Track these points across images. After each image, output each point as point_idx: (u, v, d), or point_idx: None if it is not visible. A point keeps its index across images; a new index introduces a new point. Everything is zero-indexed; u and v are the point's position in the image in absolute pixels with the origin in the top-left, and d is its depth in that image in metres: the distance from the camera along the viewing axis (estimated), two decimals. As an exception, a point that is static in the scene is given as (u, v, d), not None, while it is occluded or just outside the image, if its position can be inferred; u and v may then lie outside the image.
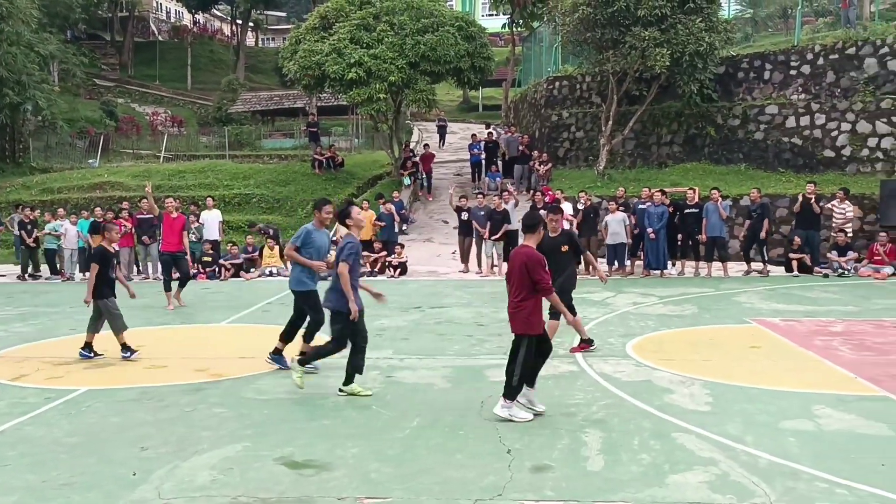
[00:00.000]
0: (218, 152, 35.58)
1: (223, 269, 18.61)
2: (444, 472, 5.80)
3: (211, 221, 19.54)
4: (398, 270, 18.05)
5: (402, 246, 18.82)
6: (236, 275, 18.62)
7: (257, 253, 19.41)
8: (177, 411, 7.58)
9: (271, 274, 18.77)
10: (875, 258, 16.92)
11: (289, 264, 18.88)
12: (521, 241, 7.79)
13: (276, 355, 9.26)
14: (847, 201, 17.61)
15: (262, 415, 7.40)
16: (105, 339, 10.13)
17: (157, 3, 70.49)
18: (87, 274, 17.86)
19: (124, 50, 54.89)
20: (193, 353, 10.31)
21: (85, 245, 19.25)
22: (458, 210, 18.35)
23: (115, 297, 10.02)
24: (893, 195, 17.60)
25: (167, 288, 14.21)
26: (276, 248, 19.41)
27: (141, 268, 19.27)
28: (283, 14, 76.26)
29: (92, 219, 19.38)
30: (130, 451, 6.42)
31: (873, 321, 11.59)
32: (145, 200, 15.98)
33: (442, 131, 36.73)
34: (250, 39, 67.10)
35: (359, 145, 36.74)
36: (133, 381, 8.77)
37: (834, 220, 17.56)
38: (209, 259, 18.79)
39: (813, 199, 17.25)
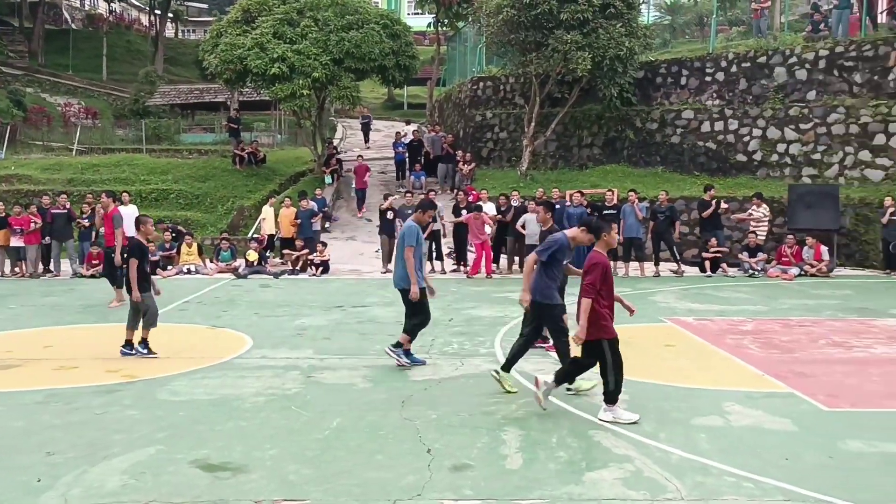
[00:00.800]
0: (134, 146, 34.44)
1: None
2: (364, 474, 5.76)
3: (127, 218, 18.88)
4: (320, 269, 17.87)
5: (325, 244, 18.65)
6: (153, 272, 18.06)
7: (175, 250, 18.90)
8: (87, 414, 7.31)
9: (189, 272, 18.32)
10: (783, 259, 17.62)
11: (207, 262, 18.56)
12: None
13: (397, 348, 9.15)
14: (764, 205, 18.25)
15: (177, 417, 7.20)
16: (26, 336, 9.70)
17: (70, -11, 67.85)
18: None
19: (34, 37, 52.61)
20: (106, 353, 9.96)
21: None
22: (384, 210, 18.28)
23: (150, 292, 9.83)
24: (800, 199, 18.37)
25: (117, 285, 13.94)
26: (195, 245, 18.95)
27: (53, 266, 18.50)
28: (205, 6, 74.48)
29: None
30: (36, 456, 6.15)
31: (780, 320, 12.07)
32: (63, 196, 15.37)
33: (366, 129, 35.96)
34: (169, 31, 65.30)
35: (281, 141, 36.19)
36: (40, 383, 8.42)
37: (752, 224, 18.18)
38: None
39: (714, 202, 17.88)
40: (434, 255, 18.06)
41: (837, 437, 6.55)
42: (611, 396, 7.05)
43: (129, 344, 9.77)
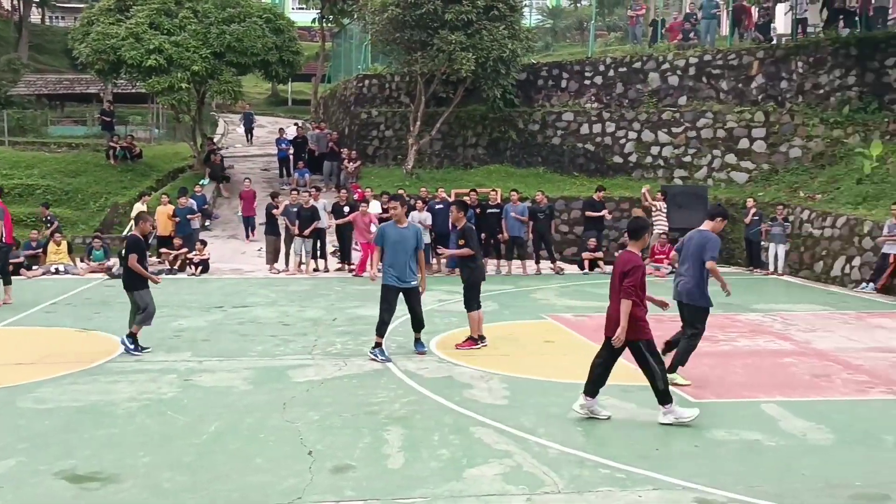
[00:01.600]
0: (-5, 138, 32.34)
1: None
2: (242, 478, 5.63)
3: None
4: (199, 268, 17.31)
5: (204, 243, 18.07)
6: (16, 272, 17.01)
7: (41, 249, 17.86)
8: (-62, 426, 6.81)
9: (58, 272, 17.35)
10: (656, 257, 18.39)
11: (77, 261, 17.64)
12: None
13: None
14: (663, 201, 18.78)
15: (42, 426, 6.82)
16: None
17: (-78, -32, 62.95)
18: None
19: None
20: (-39, 360, 9.31)
21: None
22: (269, 208, 17.89)
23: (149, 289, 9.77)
24: (673, 199, 19.19)
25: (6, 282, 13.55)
26: (64, 243, 17.98)
27: None
28: (75, -9, 70.69)
29: None
30: None
31: (653, 315, 12.55)
32: None
33: (248, 126, 34.25)
34: (35, 16, 61.61)
35: (159, 136, 34.82)
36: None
37: (656, 221, 18.71)
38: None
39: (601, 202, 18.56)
40: (318, 253, 17.86)
41: (703, 427, 6.90)
42: (664, 397, 6.99)
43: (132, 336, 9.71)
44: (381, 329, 9.36)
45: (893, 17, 22.87)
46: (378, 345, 9.35)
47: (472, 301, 9.84)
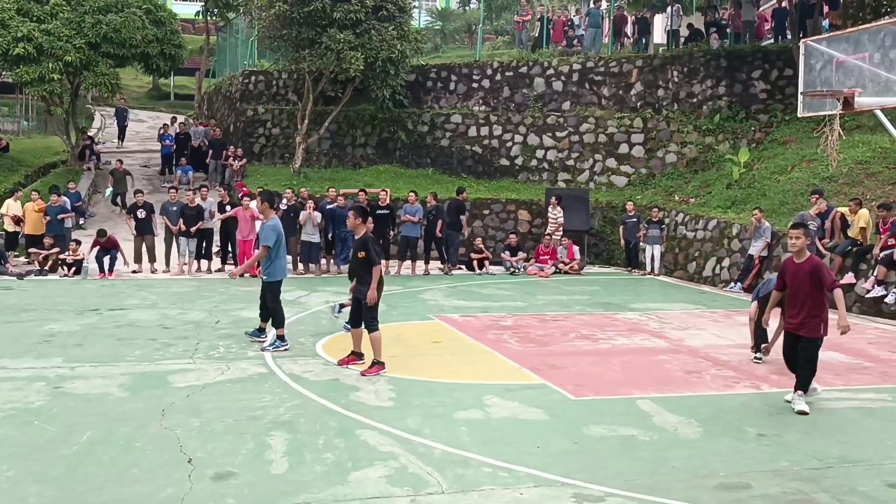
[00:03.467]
0: None
1: None
2: (117, 489, 5.41)
3: None
4: (73, 269, 16.48)
5: (79, 242, 17.22)
6: None
7: None
8: None
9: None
10: (540, 258, 18.86)
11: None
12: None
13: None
14: (559, 206, 19.17)
15: None
16: None
17: None
18: None
19: None
20: None
21: None
22: (134, 207, 17.20)
23: None
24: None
25: None
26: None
27: None
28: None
29: None
30: None
31: (537, 315, 12.93)
32: None
33: (122, 122, 30.80)
34: None
35: (28, 129, 32.94)
36: None
37: (550, 223, 19.09)
38: None
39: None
40: (203, 252, 17.35)
41: (582, 424, 7.13)
42: (807, 385, 7.73)
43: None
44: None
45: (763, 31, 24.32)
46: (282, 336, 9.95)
47: (372, 319, 8.83)
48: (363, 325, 8.91)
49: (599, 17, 24.29)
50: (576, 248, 18.99)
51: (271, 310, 10.09)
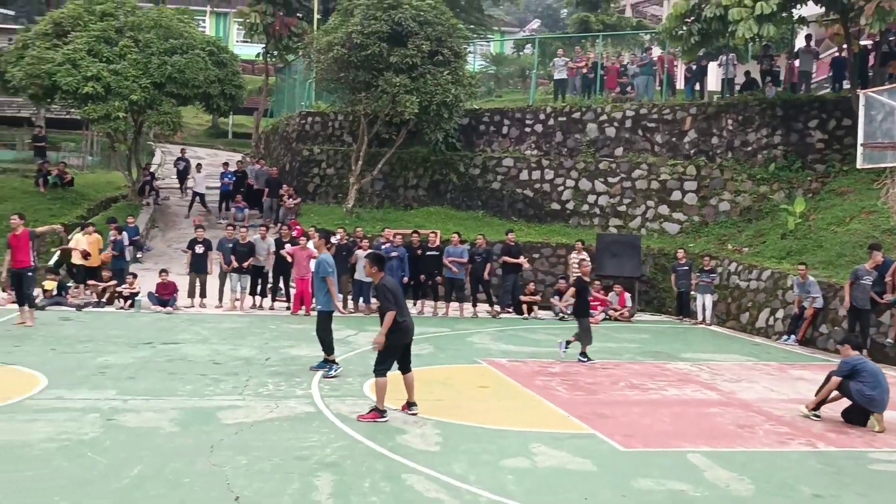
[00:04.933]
0: (-83, 159, 31.19)
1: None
2: (164, 526, 5.47)
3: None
4: (129, 302, 16.87)
5: (135, 276, 17.65)
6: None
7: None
8: None
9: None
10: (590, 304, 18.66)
11: (38, 290, 16.98)
12: None
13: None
14: (584, 251, 19.15)
15: (-49, 467, 6.51)
16: None
17: None
18: None
19: None
20: None
21: None
22: (194, 242, 17.58)
23: None
24: (607, 248, 19.61)
25: (20, 303, 14.18)
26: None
27: None
28: (11, 13, 69.15)
29: None
30: None
31: (586, 363, 12.76)
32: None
33: (183, 175, 28.26)
34: (-32, 36, 60.00)
35: (92, 164, 34.07)
36: None
37: (572, 268, 19.04)
38: None
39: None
40: (258, 290, 17.60)
41: (631, 476, 6.99)
42: None
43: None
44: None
45: (816, 80, 24.03)
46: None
47: (381, 364, 8.59)
48: (374, 371, 8.70)
49: (652, 64, 24.31)
50: (627, 295, 18.79)
51: (321, 338, 10.69)
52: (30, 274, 14.19)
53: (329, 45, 21.34)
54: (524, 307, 18.47)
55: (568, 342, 12.67)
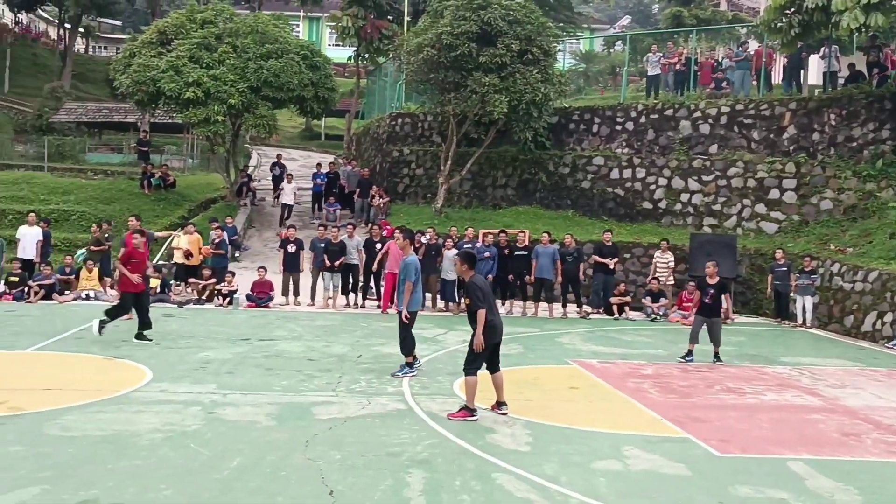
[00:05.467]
0: (35, 163, 33.10)
1: (31, 291, 17.19)
2: (263, 516, 5.64)
3: (29, 239, 18.19)
4: (227, 299, 17.46)
5: (233, 274, 18.26)
6: (48, 297, 17.31)
7: (74, 275, 18.15)
8: (-34, 449, 6.91)
9: (88, 298, 17.59)
10: (684, 305, 18.24)
11: (107, 288, 17.86)
12: None
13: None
14: (669, 251, 18.86)
15: (66, 454, 6.89)
16: None
17: (-26, -3, 65.09)
18: None
19: (-68, 44, 50.17)
20: (-9, 383, 9.45)
21: None
22: (286, 242, 18.03)
23: None
24: (701, 247, 19.10)
25: None
26: (96, 270, 18.23)
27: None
28: (118, 23, 72.56)
29: None
30: None
31: (679, 365, 12.48)
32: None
33: (278, 181, 27.36)
34: (79, 46, 63.27)
35: (193, 166, 35.42)
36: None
37: (657, 268, 18.75)
38: (16, 279, 17.36)
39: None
40: (350, 287, 17.92)
41: (727, 483, 6.80)
42: None
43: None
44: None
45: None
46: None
47: (471, 364, 8.66)
48: (464, 370, 8.74)
49: (748, 58, 23.53)
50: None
51: (402, 338, 10.70)
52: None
53: (419, 46, 21.54)
54: (614, 308, 18.19)
55: (716, 355, 12.84)
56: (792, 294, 17.76)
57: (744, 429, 8.72)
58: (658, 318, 17.96)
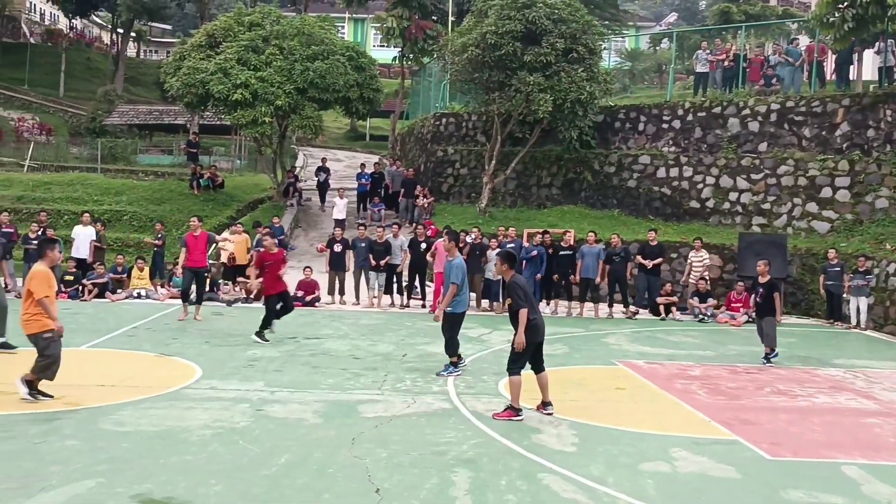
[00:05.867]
0: (89, 165, 33.94)
1: (85, 289, 17.64)
2: (311, 513, 5.70)
3: (83, 238, 18.67)
4: (274, 298, 17.64)
5: (280, 273, 18.44)
6: (101, 295, 17.72)
7: (126, 274, 18.56)
8: (24, 443, 7.11)
9: (139, 296, 17.98)
10: (732, 305, 17.95)
11: (158, 287, 18.23)
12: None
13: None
14: (703, 250, 18.57)
15: (121, 448, 7.05)
16: None
17: (30, 3, 66.96)
18: None
19: (-9, 50, 51.77)
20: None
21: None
22: (332, 241, 18.19)
23: None
24: (750, 247, 18.77)
25: (184, 300, 14.89)
26: (146, 269, 18.63)
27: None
28: (168, 27, 74.05)
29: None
30: (-31, 486, 5.97)
31: (727, 366, 12.29)
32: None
33: (323, 187, 27.74)
34: (131, 50, 64.71)
35: (241, 167, 35.95)
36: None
37: (693, 267, 18.51)
38: (71, 278, 17.82)
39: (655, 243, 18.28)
40: (395, 288, 18.00)
41: (779, 487, 6.67)
42: None
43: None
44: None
45: None
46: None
47: (514, 363, 8.59)
48: (507, 369, 8.69)
49: (798, 54, 23.04)
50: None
51: (447, 338, 10.73)
52: (206, 274, 15.25)
53: (463, 46, 21.55)
54: (661, 308, 17.98)
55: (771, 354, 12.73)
56: (845, 295, 17.35)
57: (796, 432, 8.55)
58: (706, 318, 17.69)
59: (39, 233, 18.02)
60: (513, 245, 17.53)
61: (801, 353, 13.89)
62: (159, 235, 19.62)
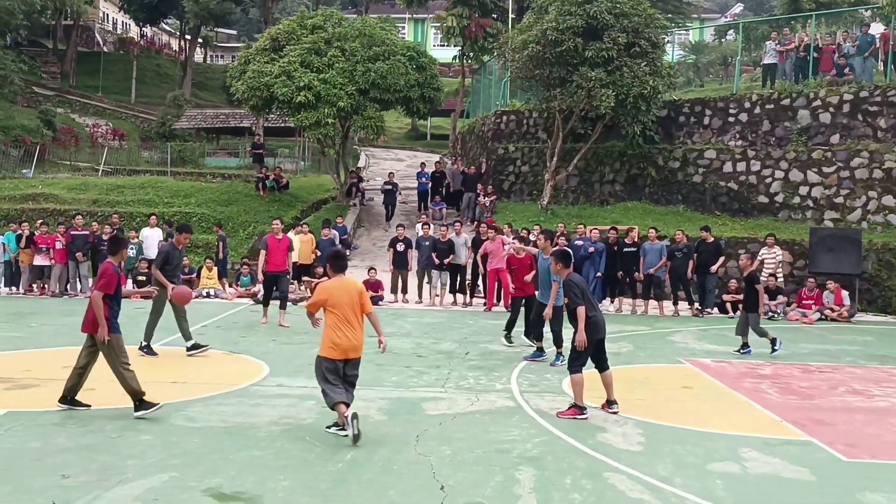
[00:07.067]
0: (159, 168, 34.94)
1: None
2: (376, 509, 5.74)
3: (151, 240, 19.23)
4: (339, 297, 17.86)
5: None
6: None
7: (195, 274, 19.03)
8: (101, 437, 7.35)
9: (208, 295, 18.42)
10: (803, 303, 17.46)
11: (226, 286, 18.64)
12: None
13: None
14: (776, 246, 18.12)
15: (192, 443, 7.23)
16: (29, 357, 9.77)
17: (103, 13, 69.20)
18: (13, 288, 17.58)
19: (67, 59, 53.59)
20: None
21: (10, 259, 18.66)
22: (395, 241, 18.30)
23: None
24: (822, 242, 18.23)
25: (265, 304, 14.60)
26: (215, 269, 19.07)
27: (70, 286, 18.70)
28: (234, 32, 75.66)
29: (19, 232, 18.74)
30: (50, 479, 6.19)
31: (799, 365, 11.94)
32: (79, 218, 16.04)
33: (391, 198, 26.32)
34: (198, 55, 66.29)
35: (304, 168, 36.51)
36: (57, 404, 8.46)
37: (765, 265, 18.04)
38: (143, 278, 18.35)
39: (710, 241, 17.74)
40: (457, 287, 18.04)
41: (856, 489, 6.45)
42: None
43: None
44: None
45: None
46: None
47: (574, 361, 8.53)
48: (568, 368, 8.74)
49: (873, 41, 22.22)
50: (844, 294, 17.34)
51: (553, 332, 11.33)
52: (287, 277, 14.87)
53: (524, 43, 21.45)
54: (728, 306, 17.57)
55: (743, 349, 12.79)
56: (924, 291, 16.68)
57: (873, 433, 8.25)
58: (776, 315, 17.23)
59: (111, 234, 18.63)
60: (582, 243, 17.45)
61: (878, 351, 13.42)
62: (220, 236, 20.09)
